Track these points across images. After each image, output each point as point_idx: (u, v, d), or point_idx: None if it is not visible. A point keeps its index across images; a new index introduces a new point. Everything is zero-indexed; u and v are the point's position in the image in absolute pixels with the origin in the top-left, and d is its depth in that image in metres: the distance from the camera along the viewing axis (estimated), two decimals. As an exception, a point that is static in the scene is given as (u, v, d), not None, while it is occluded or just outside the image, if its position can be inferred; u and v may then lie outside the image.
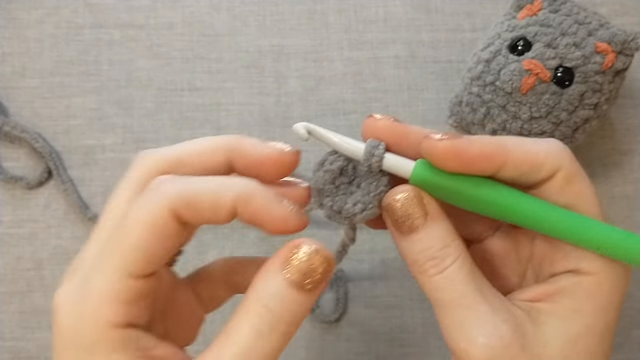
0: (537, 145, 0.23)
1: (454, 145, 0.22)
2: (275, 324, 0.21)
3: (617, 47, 0.35)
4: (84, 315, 0.21)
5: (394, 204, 0.24)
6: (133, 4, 0.44)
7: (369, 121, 0.25)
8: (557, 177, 0.23)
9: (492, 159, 0.23)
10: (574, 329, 0.23)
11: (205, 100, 0.42)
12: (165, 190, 0.21)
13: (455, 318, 0.23)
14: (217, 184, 0.22)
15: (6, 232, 0.41)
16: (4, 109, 0.42)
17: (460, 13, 0.44)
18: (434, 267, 0.23)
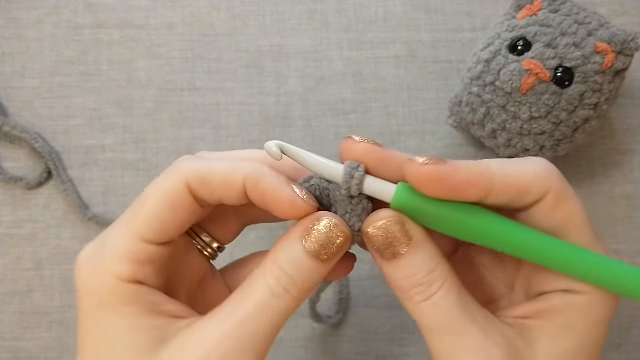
0: (524, 168, 0.22)
1: (438, 171, 0.21)
2: (290, 287, 0.22)
3: (617, 47, 0.35)
4: (98, 271, 0.23)
5: (374, 230, 0.23)
6: (133, 4, 0.44)
7: (347, 143, 0.23)
8: (546, 199, 0.22)
9: (479, 186, 0.22)
10: (565, 346, 0.23)
11: (205, 100, 0.42)
12: (184, 166, 0.23)
13: (445, 345, 0.22)
14: (231, 164, 0.23)
15: (6, 233, 0.41)
16: (4, 109, 0.42)
17: (460, 13, 0.44)
18: (420, 294, 0.22)
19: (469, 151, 0.42)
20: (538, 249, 0.22)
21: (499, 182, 0.22)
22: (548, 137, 0.36)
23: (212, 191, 0.23)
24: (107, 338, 0.22)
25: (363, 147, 0.23)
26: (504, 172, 0.22)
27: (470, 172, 0.22)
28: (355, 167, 0.23)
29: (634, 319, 0.40)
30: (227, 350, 0.21)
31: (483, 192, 0.22)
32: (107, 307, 0.22)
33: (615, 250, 0.41)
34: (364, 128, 0.42)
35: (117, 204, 0.41)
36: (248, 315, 0.22)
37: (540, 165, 0.23)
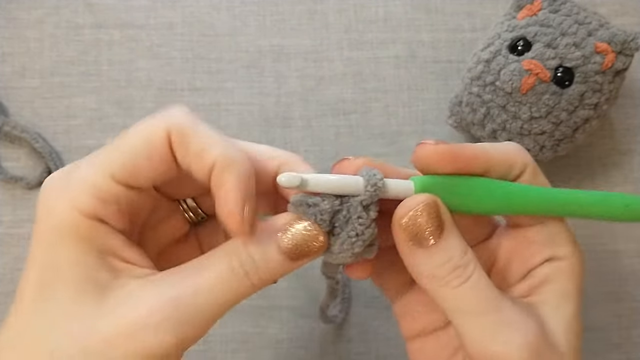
0: (506, 147, 0.25)
1: (450, 149, 0.24)
2: (251, 274, 0.22)
3: (617, 47, 0.35)
4: (61, 200, 0.22)
5: (412, 214, 0.23)
6: (133, 4, 0.44)
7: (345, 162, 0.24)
8: (526, 172, 0.25)
9: (482, 159, 0.24)
10: (567, 311, 0.24)
11: (205, 100, 0.42)
12: (170, 114, 0.23)
13: (486, 325, 0.23)
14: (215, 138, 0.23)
15: (6, 232, 0.41)
16: (4, 109, 0.42)
17: (460, 13, 0.44)
18: (458, 278, 0.23)
19: (469, 151, 0.42)
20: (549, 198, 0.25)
21: (494, 157, 0.24)
22: (548, 137, 0.36)
23: (185, 153, 0.22)
24: (55, 269, 0.22)
25: (364, 159, 0.24)
26: (495, 149, 0.25)
27: (473, 149, 0.24)
28: (372, 171, 0.23)
29: (634, 319, 0.40)
30: (169, 315, 0.21)
31: (485, 164, 0.24)
32: (62, 237, 0.22)
33: (614, 250, 0.41)
34: (364, 128, 0.42)
35: (117, 204, 0.41)
36: (201, 287, 0.21)
37: (516, 145, 0.26)
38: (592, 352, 0.39)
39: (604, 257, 0.41)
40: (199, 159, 0.22)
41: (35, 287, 0.22)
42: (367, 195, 0.23)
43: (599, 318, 0.40)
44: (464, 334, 0.23)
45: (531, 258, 0.25)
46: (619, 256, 0.41)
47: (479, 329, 0.23)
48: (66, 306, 0.21)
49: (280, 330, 0.39)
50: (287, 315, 0.40)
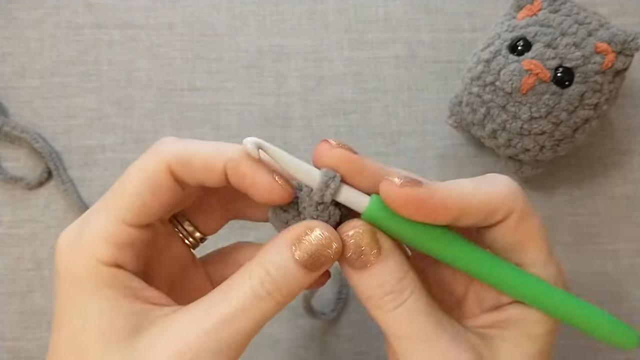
0: (493, 190, 0.23)
1: (416, 194, 0.22)
2: (273, 292, 0.22)
3: (617, 47, 0.35)
4: (78, 252, 0.22)
5: (346, 239, 0.23)
6: (133, 4, 0.44)
7: (323, 147, 0.23)
8: (510, 218, 0.23)
9: (453, 209, 0.22)
10: (526, 352, 0.23)
11: (205, 100, 0.42)
12: (165, 148, 0.24)
13: (416, 352, 0.23)
14: (213, 146, 0.24)
15: (6, 233, 0.41)
16: (4, 109, 0.42)
17: (460, 13, 0.44)
18: (391, 302, 0.23)
19: (469, 151, 0.42)
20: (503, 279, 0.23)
21: (472, 205, 0.23)
22: (548, 137, 0.36)
23: (193, 173, 0.23)
24: (83, 320, 0.22)
25: (339, 153, 0.23)
26: (476, 195, 0.23)
27: (445, 196, 0.22)
28: (332, 177, 0.23)
29: (634, 319, 0.40)
30: (203, 349, 0.21)
31: (456, 215, 0.22)
32: (86, 289, 0.22)
33: (614, 250, 0.41)
34: (364, 128, 0.42)
35: (117, 204, 0.41)
36: (228, 316, 0.22)
37: (508, 186, 0.23)
38: (592, 352, 0.40)
39: (604, 257, 0.41)
40: (209, 171, 0.23)
41: (67, 342, 0.22)
42: (317, 196, 0.23)
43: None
44: (398, 355, 0.23)
45: (502, 295, 0.25)
46: (619, 256, 0.41)
47: (410, 355, 0.23)
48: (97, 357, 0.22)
49: (280, 330, 0.39)
50: (287, 315, 0.40)
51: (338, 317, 0.40)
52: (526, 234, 0.24)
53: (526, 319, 0.24)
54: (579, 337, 0.40)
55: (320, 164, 0.23)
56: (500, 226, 0.23)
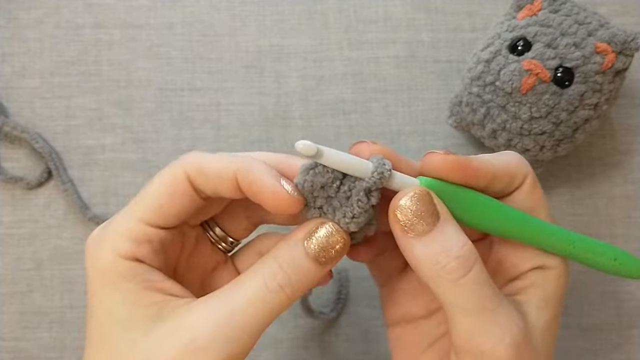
0: (508, 159, 0.26)
1: (459, 160, 0.24)
2: (285, 286, 0.23)
3: (617, 47, 0.35)
4: (101, 249, 0.24)
5: (405, 203, 0.23)
6: (133, 4, 0.44)
7: (363, 145, 0.25)
8: (525, 184, 0.26)
9: (488, 173, 0.25)
10: (547, 315, 0.25)
11: (205, 100, 0.42)
12: (186, 159, 0.25)
13: (479, 322, 0.23)
14: (226, 157, 0.25)
15: (6, 233, 0.41)
16: (4, 109, 0.42)
17: (460, 13, 0.44)
18: (458, 269, 0.23)
19: (469, 151, 0.42)
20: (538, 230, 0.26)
21: (499, 169, 0.25)
22: (548, 137, 0.36)
23: (207, 181, 0.24)
24: (108, 312, 0.24)
25: (380, 147, 0.25)
26: (499, 162, 0.25)
27: (481, 162, 0.25)
28: (384, 160, 0.24)
29: (634, 319, 0.40)
30: (214, 337, 0.22)
31: (490, 178, 0.25)
32: (109, 282, 0.24)
33: (615, 250, 0.41)
34: (364, 128, 0.42)
35: (117, 204, 0.41)
36: (240, 306, 0.23)
37: (517, 156, 0.26)
38: (592, 352, 0.40)
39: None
40: (221, 180, 0.24)
41: (95, 332, 0.24)
42: (372, 182, 0.23)
43: (599, 318, 0.40)
44: (456, 326, 0.24)
45: (522, 264, 0.26)
46: (619, 256, 0.41)
47: (472, 325, 0.23)
48: (120, 344, 0.23)
49: (280, 330, 0.39)
50: (287, 315, 0.40)
51: (338, 317, 0.40)
52: (537, 199, 0.26)
53: (546, 282, 0.26)
54: (579, 337, 0.40)
55: (364, 157, 0.24)
56: (517, 192, 0.26)
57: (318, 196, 0.24)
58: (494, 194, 0.26)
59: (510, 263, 0.27)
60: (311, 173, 0.24)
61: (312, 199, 0.24)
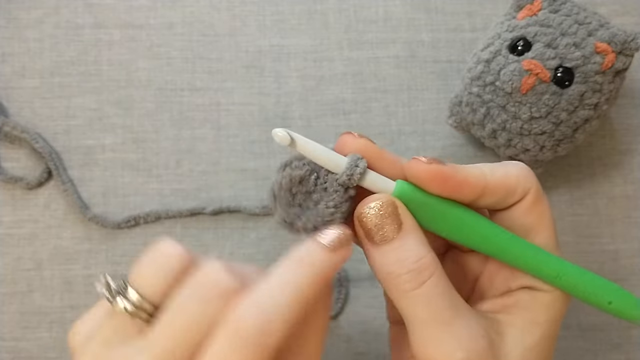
0: (509, 170, 0.24)
1: (442, 170, 0.23)
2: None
3: (617, 47, 0.35)
4: None
5: (368, 211, 0.23)
6: (133, 4, 0.44)
7: (347, 137, 0.24)
8: (526, 199, 0.24)
9: (476, 186, 0.23)
10: (531, 338, 0.24)
11: (205, 100, 0.42)
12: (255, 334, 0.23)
13: (432, 334, 0.23)
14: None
15: (6, 233, 0.41)
16: (4, 109, 0.42)
17: (460, 13, 0.44)
18: (410, 282, 0.23)
19: (469, 151, 0.42)
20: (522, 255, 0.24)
21: (491, 184, 0.24)
22: (548, 137, 0.36)
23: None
24: None
25: (363, 142, 0.24)
26: (494, 174, 0.24)
27: (468, 174, 0.23)
28: (359, 158, 0.24)
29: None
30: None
31: (478, 192, 0.24)
32: None
33: (614, 250, 0.41)
34: (364, 128, 0.42)
35: (117, 204, 0.41)
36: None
37: (522, 168, 0.25)
38: (592, 352, 0.40)
39: (604, 257, 0.41)
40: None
41: None
42: (342, 179, 0.23)
43: (599, 318, 0.40)
44: (411, 336, 0.23)
45: (512, 281, 0.25)
46: (619, 256, 0.41)
47: (425, 336, 0.23)
48: None
49: (280, 330, 0.39)
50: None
51: (338, 317, 0.40)
52: (539, 217, 0.24)
53: (534, 305, 0.24)
54: (579, 337, 0.40)
55: (345, 152, 0.24)
56: (516, 207, 0.24)
57: (297, 192, 0.24)
58: (488, 206, 0.25)
59: (502, 276, 0.26)
60: (287, 169, 0.24)
61: (291, 196, 0.24)
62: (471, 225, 0.24)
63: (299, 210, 0.24)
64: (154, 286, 0.22)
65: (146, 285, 0.22)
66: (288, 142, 0.23)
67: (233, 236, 0.41)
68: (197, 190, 0.41)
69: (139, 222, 0.40)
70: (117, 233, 0.40)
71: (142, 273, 0.22)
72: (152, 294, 0.22)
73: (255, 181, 0.41)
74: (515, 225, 0.25)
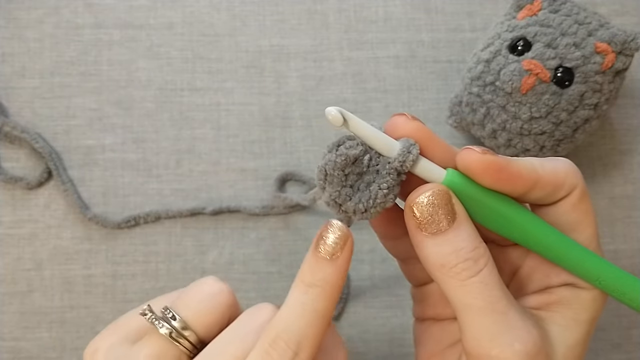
0: (558, 165, 0.24)
1: (496, 161, 0.22)
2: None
3: (617, 47, 0.35)
4: None
5: (422, 200, 0.23)
6: (133, 4, 0.44)
7: (400, 119, 0.24)
8: (572, 195, 0.24)
9: (528, 179, 0.23)
10: (573, 337, 0.24)
11: (205, 100, 0.42)
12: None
13: (488, 324, 0.22)
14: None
15: (6, 233, 0.41)
16: (4, 109, 0.42)
17: (460, 13, 0.44)
18: (467, 270, 0.22)
19: (469, 151, 0.42)
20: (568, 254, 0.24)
21: (542, 177, 0.23)
22: (548, 137, 0.36)
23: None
24: None
25: (416, 125, 0.23)
26: (544, 168, 0.23)
27: (521, 166, 0.23)
28: (413, 144, 0.23)
29: (634, 319, 0.40)
30: None
31: (530, 185, 0.23)
32: None
33: (614, 250, 0.41)
34: (364, 128, 0.42)
35: (117, 204, 0.41)
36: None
37: (570, 164, 0.24)
38: (593, 352, 0.40)
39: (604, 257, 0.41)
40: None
41: None
42: (394, 165, 0.23)
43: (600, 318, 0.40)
44: (465, 329, 0.23)
45: (553, 277, 0.25)
46: (619, 256, 0.41)
47: (481, 327, 0.22)
48: None
49: (280, 330, 0.39)
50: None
51: (338, 317, 0.40)
52: (584, 213, 0.24)
53: (576, 303, 0.24)
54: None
55: (397, 135, 0.23)
56: (562, 202, 0.24)
57: (349, 173, 0.24)
58: (535, 200, 0.24)
59: (542, 272, 0.25)
60: (342, 147, 0.23)
61: (344, 176, 0.24)
62: (518, 220, 0.24)
63: (350, 191, 0.24)
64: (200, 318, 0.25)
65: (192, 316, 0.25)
66: (341, 122, 0.22)
67: (233, 236, 0.41)
68: (197, 190, 0.41)
69: (139, 222, 0.40)
70: (117, 233, 0.40)
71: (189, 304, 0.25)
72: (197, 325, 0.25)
73: (255, 181, 0.41)
74: (560, 222, 0.24)
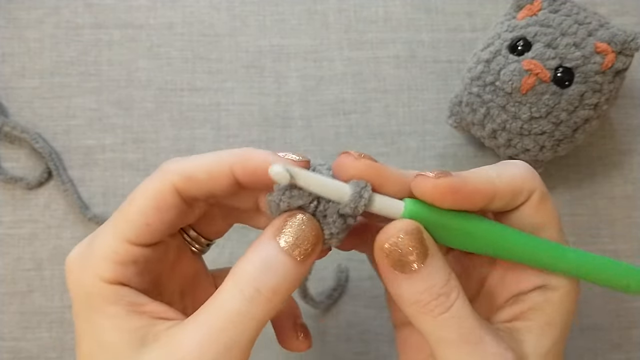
0: (515, 172, 0.24)
1: (452, 183, 0.22)
2: (263, 289, 0.22)
3: (617, 47, 0.35)
4: (85, 272, 0.23)
5: (394, 240, 0.22)
6: (133, 4, 0.44)
7: (347, 159, 0.23)
8: (532, 198, 0.24)
9: (486, 193, 0.23)
10: (547, 342, 0.24)
11: (205, 100, 0.42)
12: (169, 167, 0.24)
13: (463, 356, 0.22)
14: (213, 156, 0.24)
15: (6, 233, 0.41)
16: (4, 109, 0.42)
17: (460, 13, 0.44)
18: (440, 306, 0.22)
19: (469, 151, 0.42)
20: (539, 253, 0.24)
21: (499, 188, 0.23)
22: (548, 137, 0.36)
23: (199, 186, 0.23)
24: (96, 338, 0.23)
25: (364, 164, 0.23)
26: (501, 178, 0.23)
27: (477, 182, 0.23)
28: (364, 187, 0.22)
29: (633, 319, 0.40)
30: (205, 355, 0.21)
31: (489, 198, 0.23)
32: (94, 307, 0.23)
33: (614, 250, 0.41)
34: (364, 128, 0.42)
35: (117, 204, 0.41)
36: (221, 326, 0.21)
37: (525, 168, 0.24)
38: (592, 352, 0.40)
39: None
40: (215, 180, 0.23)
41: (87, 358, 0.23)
42: (347, 210, 0.22)
43: (599, 318, 0.40)
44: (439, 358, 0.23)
45: (523, 283, 0.25)
46: (619, 256, 0.41)
47: (454, 358, 0.22)
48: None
49: (280, 330, 0.39)
50: (287, 315, 0.40)
51: (338, 317, 0.40)
52: (546, 215, 0.24)
53: (548, 306, 0.24)
54: (579, 337, 0.40)
55: (345, 177, 0.23)
56: (523, 207, 0.24)
57: None
58: (496, 209, 0.24)
59: (510, 282, 0.25)
60: (287, 194, 0.22)
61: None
62: (484, 234, 0.23)
63: None
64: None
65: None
66: (287, 180, 0.21)
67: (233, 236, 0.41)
68: (197, 190, 0.41)
69: (139, 222, 0.40)
70: (117, 233, 0.40)
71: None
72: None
73: (255, 181, 0.41)
74: (524, 225, 0.24)
